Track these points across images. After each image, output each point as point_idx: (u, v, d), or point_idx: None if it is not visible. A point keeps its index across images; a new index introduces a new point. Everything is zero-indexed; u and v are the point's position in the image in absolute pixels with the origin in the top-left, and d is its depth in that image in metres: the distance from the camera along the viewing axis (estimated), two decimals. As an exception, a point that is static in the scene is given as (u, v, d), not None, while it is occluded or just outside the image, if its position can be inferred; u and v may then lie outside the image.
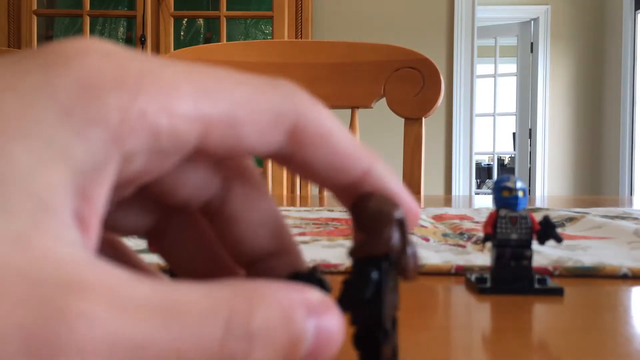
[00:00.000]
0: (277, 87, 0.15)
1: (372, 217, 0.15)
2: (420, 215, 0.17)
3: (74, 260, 0.11)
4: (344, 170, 0.16)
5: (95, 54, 0.13)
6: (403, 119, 0.97)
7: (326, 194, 0.97)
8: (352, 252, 0.15)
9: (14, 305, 0.10)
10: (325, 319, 0.12)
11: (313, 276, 0.15)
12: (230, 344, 0.11)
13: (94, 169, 0.12)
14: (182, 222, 0.18)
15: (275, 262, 0.17)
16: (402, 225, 0.15)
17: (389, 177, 0.16)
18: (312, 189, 1.16)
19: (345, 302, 0.14)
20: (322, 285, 0.15)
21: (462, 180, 2.71)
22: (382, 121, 2.27)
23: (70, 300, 0.10)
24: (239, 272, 0.18)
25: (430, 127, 2.11)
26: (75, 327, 0.10)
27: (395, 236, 0.15)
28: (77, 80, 0.12)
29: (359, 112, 1.00)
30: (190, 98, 0.13)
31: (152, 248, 0.18)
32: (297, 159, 0.15)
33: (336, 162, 0.15)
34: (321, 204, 0.81)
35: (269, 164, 1.05)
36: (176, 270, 0.19)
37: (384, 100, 0.97)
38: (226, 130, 0.14)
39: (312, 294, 0.13)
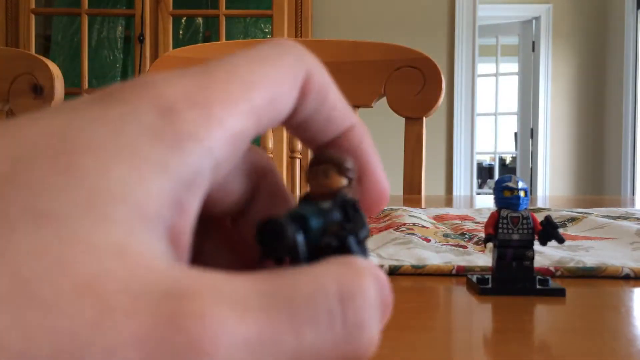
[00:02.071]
0: (288, 50, 0.16)
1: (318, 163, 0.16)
2: (387, 189, 0.18)
3: (170, 269, 0.11)
4: (335, 122, 0.17)
5: (160, 84, 0.14)
6: (404, 119, 0.97)
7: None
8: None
9: (126, 317, 0.10)
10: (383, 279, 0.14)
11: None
12: (348, 316, 0.12)
13: (191, 180, 0.13)
14: (212, 225, 0.18)
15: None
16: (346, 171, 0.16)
17: (366, 138, 0.18)
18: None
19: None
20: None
21: (463, 180, 2.70)
22: (383, 120, 2.26)
23: (185, 305, 0.11)
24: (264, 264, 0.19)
25: (431, 126, 2.11)
26: (206, 328, 0.10)
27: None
28: (158, 106, 0.13)
29: (360, 112, 1.00)
30: (244, 99, 0.14)
31: None
32: (299, 111, 0.16)
33: (331, 113, 0.17)
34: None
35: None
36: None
37: (384, 99, 0.97)
38: (270, 112, 0.15)
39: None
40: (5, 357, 0.10)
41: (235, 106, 0.14)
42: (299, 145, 1.09)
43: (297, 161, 1.10)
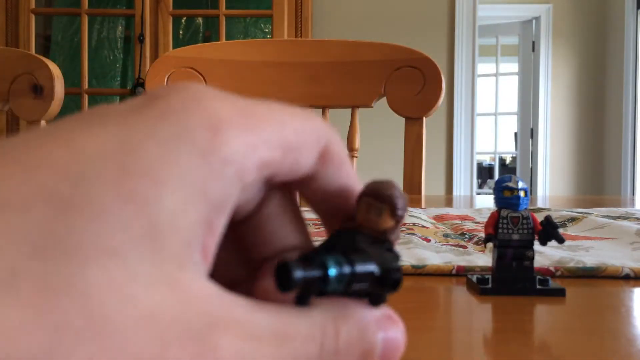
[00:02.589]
0: (315, 116, 0.17)
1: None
2: (405, 200, 0.19)
3: (210, 296, 0.13)
4: (349, 195, 0.18)
5: (209, 98, 0.15)
6: (404, 119, 0.97)
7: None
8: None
9: (180, 347, 0.12)
10: (391, 331, 0.16)
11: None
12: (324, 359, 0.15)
13: (222, 204, 0.14)
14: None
15: (294, 253, 0.19)
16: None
17: None
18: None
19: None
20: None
21: (463, 180, 2.70)
22: (383, 121, 2.27)
23: (215, 335, 0.13)
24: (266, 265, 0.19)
25: (431, 126, 2.10)
26: (223, 356, 0.13)
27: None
28: (207, 123, 0.14)
29: (360, 112, 1.00)
30: (279, 130, 0.15)
31: None
32: (318, 177, 0.17)
33: (345, 182, 0.18)
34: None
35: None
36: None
37: (384, 99, 0.97)
38: (292, 154, 0.16)
39: (381, 311, 0.16)
40: None
41: (270, 135, 0.15)
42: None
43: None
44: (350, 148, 1.00)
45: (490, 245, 0.38)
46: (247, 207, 0.17)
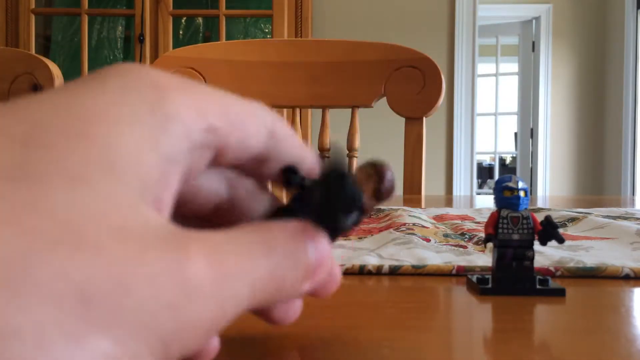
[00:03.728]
0: (257, 103, 0.19)
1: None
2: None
3: (174, 227, 0.14)
4: (301, 160, 0.19)
5: (146, 68, 0.16)
6: (404, 119, 0.97)
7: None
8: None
9: (160, 253, 0.13)
10: (319, 242, 0.17)
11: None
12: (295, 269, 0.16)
13: (173, 158, 0.15)
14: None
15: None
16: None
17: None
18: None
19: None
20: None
21: (463, 180, 2.70)
22: (383, 121, 2.27)
23: (190, 245, 0.13)
24: None
25: (431, 126, 2.11)
26: (195, 263, 0.13)
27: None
28: (148, 82, 0.15)
29: (360, 112, 1.00)
30: (219, 104, 0.17)
31: None
32: (272, 154, 0.19)
33: (297, 153, 0.19)
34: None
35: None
36: None
37: (384, 99, 0.97)
38: (239, 131, 0.17)
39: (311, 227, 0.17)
40: (69, 293, 0.11)
41: (212, 103, 0.16)
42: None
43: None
44: (350, 148, 1.00)
45: (490, 245, 0.38)
46: (204, 194, 0.19)
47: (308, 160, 0.20)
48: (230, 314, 0.14)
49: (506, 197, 0.30)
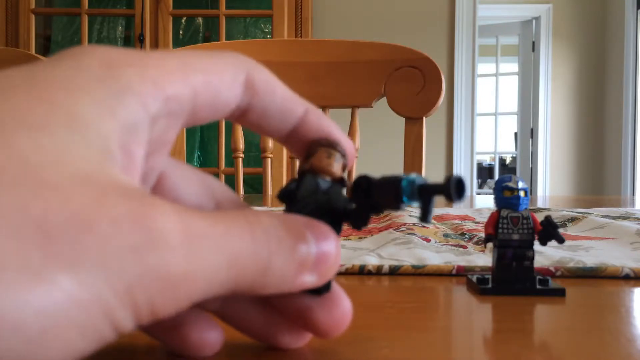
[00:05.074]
0: (231, 55, 0.18)
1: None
2: (354, 147, 0.21)
3: (143, 189, 0.14)
4: (289, 112, 0.19)
5: (102, 48, 0.16)
6: (404, 119, 0.97)
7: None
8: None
9: (121, 199, 0.13)
10: (325, 240, 0.17)
11: None
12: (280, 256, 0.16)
13: (133, 129, 0.15)
14: None
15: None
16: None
17: (323, 117, 0.20)
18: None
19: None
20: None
21: (463, 179, 2.70)
22: (383, 120, 2.27)
23: (160, 204, 0.13)
24: None
25: (431, 126, 2.11)
26: (158, 216, 0.13)
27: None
28: (100, 60, 0.15)
29: (360, 112, 1.00)
30: (180, 72, 0.16)
31: None
32: (253, 107, 0.18)
33: (282, 105, 0.19)
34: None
35: (269, 166, 1.05)
36: None
37: (384, 99, 0.97)
38: (209, 92, 0.17)
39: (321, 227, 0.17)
40: (28, 225, 0.11)
41: (170, 74, 0.16)
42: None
43: (297, 162, 1.10)
44: (350, 148, 1.00)
45: (490, 245, 0.38)
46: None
47: (299, 110, 0.19)
48: (204, 278, 0.14)
49: (506, 197, 0.30)
